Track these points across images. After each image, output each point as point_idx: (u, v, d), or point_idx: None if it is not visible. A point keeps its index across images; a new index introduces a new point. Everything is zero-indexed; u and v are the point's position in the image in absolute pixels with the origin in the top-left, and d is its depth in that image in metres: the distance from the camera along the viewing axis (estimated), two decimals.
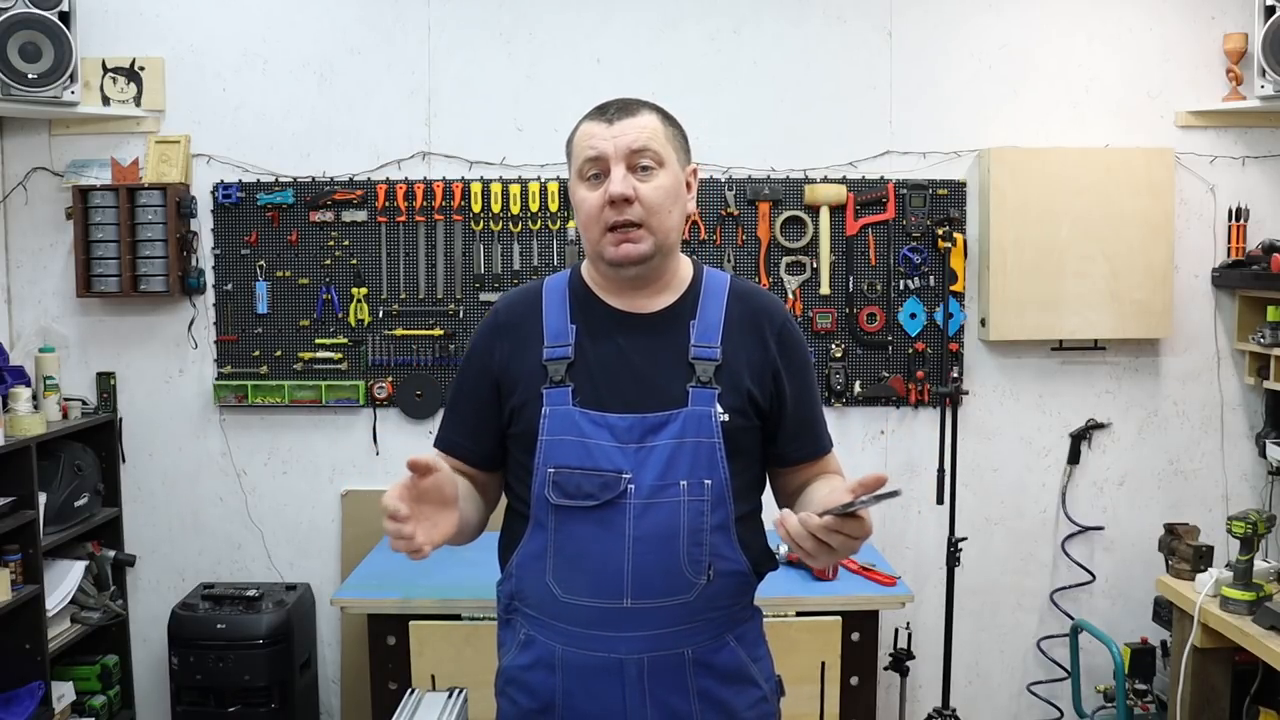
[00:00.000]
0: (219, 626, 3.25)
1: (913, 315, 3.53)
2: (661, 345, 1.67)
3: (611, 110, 1.65)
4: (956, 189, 3.53)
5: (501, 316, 1.74)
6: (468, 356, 1.78)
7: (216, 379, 3.54)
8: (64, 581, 3.25)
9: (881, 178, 3.53)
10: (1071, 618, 3.56)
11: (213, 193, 3.49)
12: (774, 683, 1.77)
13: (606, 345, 1.67)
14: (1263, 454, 3.57)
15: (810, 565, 1.44)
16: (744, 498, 1.67)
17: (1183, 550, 3.17)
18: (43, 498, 3.11)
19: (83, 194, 3.40)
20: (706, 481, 1.61)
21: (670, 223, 1.65)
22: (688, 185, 1.72)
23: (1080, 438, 3.60)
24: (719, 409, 1.63)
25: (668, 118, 1.69)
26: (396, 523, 1.43)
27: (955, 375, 3.53)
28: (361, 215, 3.49)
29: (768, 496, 1.79)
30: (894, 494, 1.36)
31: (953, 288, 3.50)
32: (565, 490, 1.62)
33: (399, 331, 3.52)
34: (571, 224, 3.49)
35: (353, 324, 3.52)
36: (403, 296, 3.52)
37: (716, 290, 1.73)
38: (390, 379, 3.54)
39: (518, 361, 1.69)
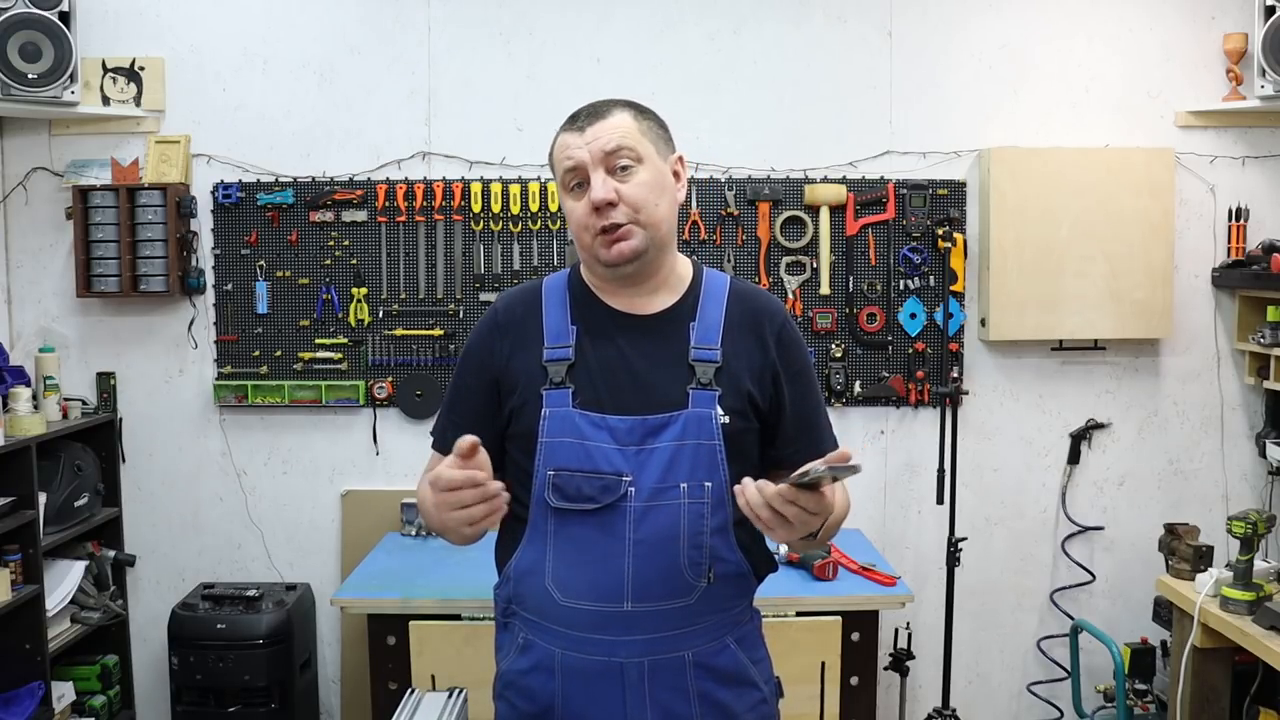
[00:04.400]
0: (219, 626, 3.25)
1: (913, 315, 3.53)
2: (661, 347, 1.67)
3: (582, 117, 1.65)
4: (956, 189, 3.53)
5: (501, 316, 1.73)
6: (465, 355, 1.77)
7: (216, 379, 3.54)
8: (64, 581, 3.24)
9: (881, 178, 3.53)
10: (1071, 618, 3.56)
11: (213, 193, 3.49)
12: (773, 684, 1.76)
13: (607, 347, 1.66)
14: (1263, 454, 3.57)
15: (771, 538, 1.48)
16: None
17: (1183, 550, 3.17)
18: (43, 498, 3.11)
19: (83, 194, 3.40)
20: (706, 484, 1.61)
21: (659, 215, 1.64)
22: (675, 175, 1.70)
23: (1080, 438, 3.60)
24: (719, 411, 1.62)
25: (642, 111, 1.68)
26: (473, 485, 1.42)
27: (955, 375, 3.53)
28: (361, 215, 3.49)
29: None
30: (853, 469, 1.38)
31: (953, 288, 3.51)
32: (565, 493, 1.61)
33: (399, 331, 3.52)
34: None
35: (353, 324, 3.52)
36: (403, 296, 3.52)
37: (716, 291, 1.72)
38: (390, 379, 3.54)
39: (518, 361, 1.68)
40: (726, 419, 1.63)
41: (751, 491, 1.43)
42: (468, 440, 1.45)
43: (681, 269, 1.74)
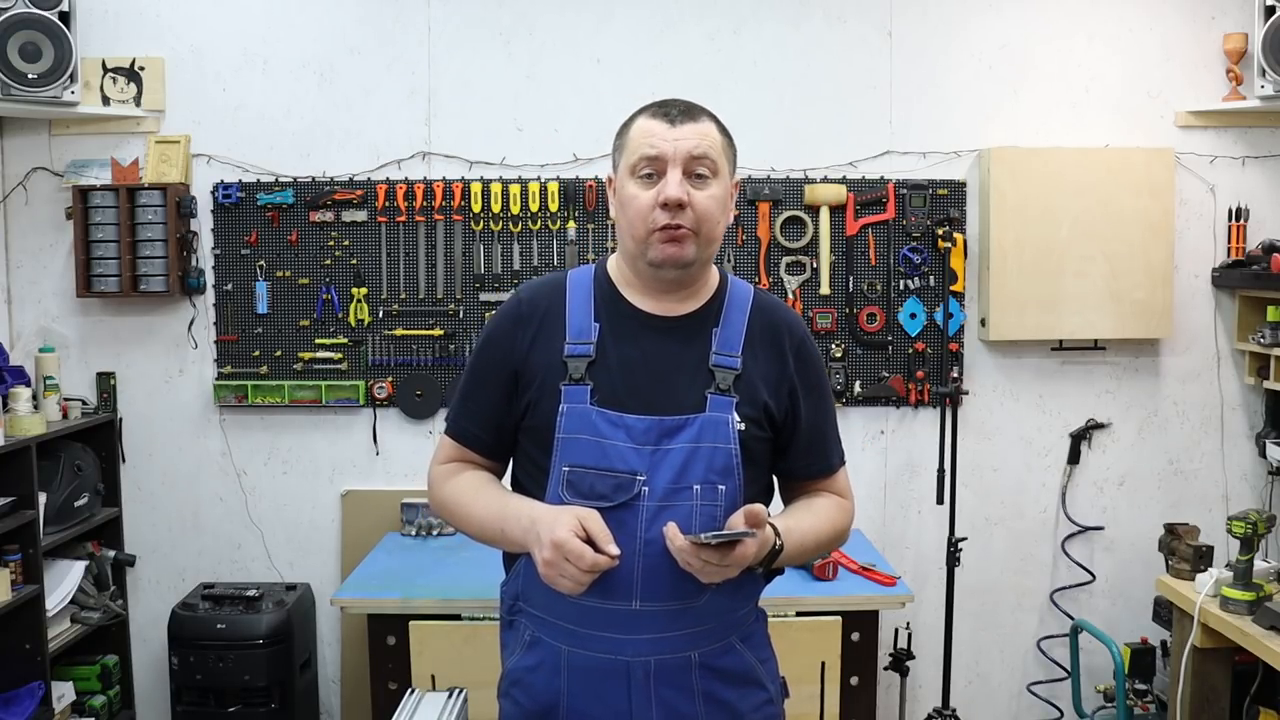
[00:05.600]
0: (219, 626, 3.25)
1: (913, 315, 3.53)
2: (683, 350, 1.67)
3: (675, 112, 1.63)
4: (956, 189, 3.53)
5: (525, 306, 1.72)
6: (485, 344, 1.75)
7: (216, 379, 3.54)
8: (64, 581, 3.24)
9: (881, 178, 3.53)
10: (1071, 618, 3.56)
11: (213, 193, 3.49)
12: (779, 685, 1.77)
13: (629, 346, 1.67)
14: (1263, 454, 3.57)
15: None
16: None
17: (1183, 550, 3.17)
18: (43, 498, 3.11)
19: (83, 194, 3.39)
20: (720, 487, 1.61)
21: (716, 233, 1.66)
22: (730, 197, 1.72)
23: (1080, 438, 3.60)
24: (736, 417, 1.63)
25: (724, 129, 1.69)
26: (592, 569, 1.50)
27: (955, 375, 3.53)
28: (361, 215, 3.49)
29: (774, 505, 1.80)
30: (744, 535, 1.50)
31: (953, 288, 3.50)
32: (579, 490, 1.61)
33: (399, 331, 3.52)
34: (572, 224, 3.49)
35: (353, 324, 3.52)
36: (403, 296, 3.52)
37: (740, 300, 1.73)
38: (390, 379, 3.54)
39: (538, 354, 1.68)
40: (743, 425, 1.63)
41: (673, 537, 1.52)
42: (614, 551, 1.50)
43: (710, 277, 1.75)
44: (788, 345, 1.72)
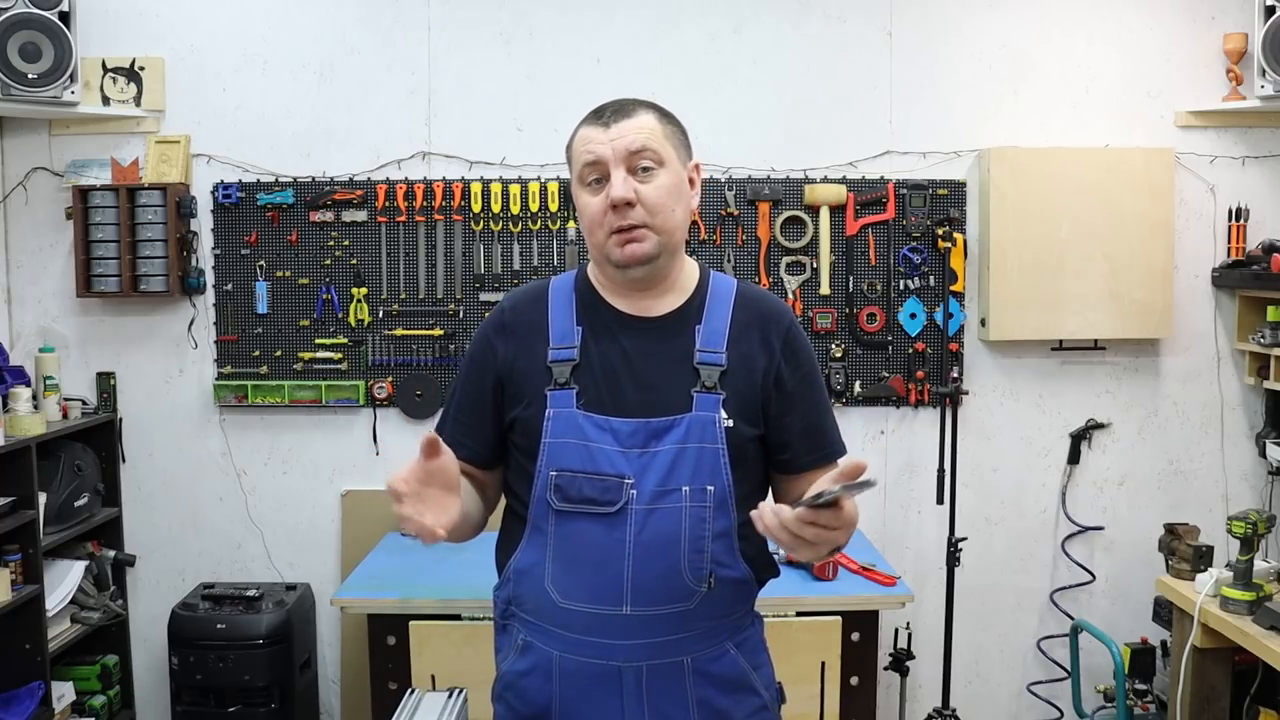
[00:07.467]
0: (219, 626, 3.25)
1: (913, 315, 3.53)
2: (667, 349, 1.66)
3: (607, 113, 1.64)
4: (956, 189, 3.53)
5: (507, 316, 1.72)
6: (471, 355, 1.75)
7: (216, 379, 3.54)
8: (64, 581, 3.24)
9: (881, 178, 3.53)
10: (1071, 618, 3.56)
11: (213, 193, 3.49)
12: (775, 690, 1.75)
13: (612, 348, 1.66)
14: (1263, 454, 3.57)
15: (798, 557, 1.44)
16: (746, 504, 1.65)
17: (1183, 550, 3.17)
18: (43, 498, 3.11)
19: (83, 194, 3.39)
20: (709, 488, 1.60)
21: (674, 222, 1.64)
22: (690, 182, 1.70)
23: (1080, 438, 3.60)
24: (723, 415, 1.62)
25: (665, 115, 1.68)
26: (399, 503, 1.42)
27: (955, 375, 3.53)
28: (361, 215, 3.49)
29: None
30: (867, 484, 1.32)
31: (953, 288, 3.50)
32: (566, 494, 1.60)
33: (399, 331, 3.52)
34: (572, 224, 3.49)
35: (353, 324, 3.52)
36: (403, 296, 3.52)
37: (723, 294, 1.71)
38: (390, 379, 3.54)
39: (523, 361, 1.68)
40: (730, 422, 1.62)
41: (769, 516, 1.39)
42: (433, 435, 1.45)
43: (688, 271, 1.73)
44: (774, 335, 1.70)
